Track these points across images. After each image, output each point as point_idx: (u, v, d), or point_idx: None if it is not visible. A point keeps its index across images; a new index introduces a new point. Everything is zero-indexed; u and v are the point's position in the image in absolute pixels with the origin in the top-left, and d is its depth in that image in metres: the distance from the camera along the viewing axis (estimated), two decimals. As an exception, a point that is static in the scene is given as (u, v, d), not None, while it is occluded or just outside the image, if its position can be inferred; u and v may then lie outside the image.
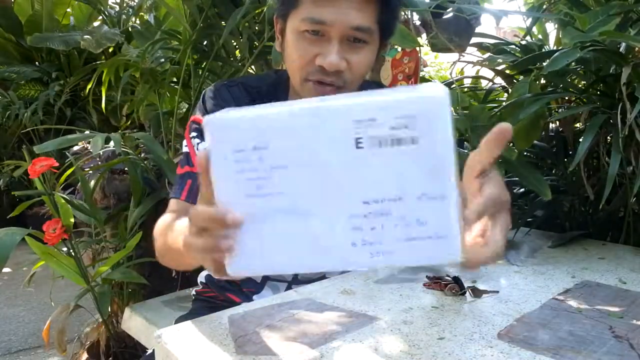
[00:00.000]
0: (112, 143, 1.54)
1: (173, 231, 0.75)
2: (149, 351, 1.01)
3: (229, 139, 0.45)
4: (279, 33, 0.85)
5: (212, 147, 0.45)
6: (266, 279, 0.98)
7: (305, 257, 0.46)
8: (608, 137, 1.24)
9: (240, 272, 0.48)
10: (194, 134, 0.87)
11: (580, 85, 1.34)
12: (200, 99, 0.90)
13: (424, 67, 3.05)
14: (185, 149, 0.88)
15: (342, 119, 0.43)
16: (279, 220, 0.46)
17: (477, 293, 0.85)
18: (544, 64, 1.14)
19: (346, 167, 0.44)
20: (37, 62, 3.83)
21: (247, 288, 0.98)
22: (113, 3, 3.54)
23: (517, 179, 1.30)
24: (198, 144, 0.86)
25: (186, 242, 0.50)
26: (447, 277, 0.87)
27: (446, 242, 0.43)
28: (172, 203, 0.87)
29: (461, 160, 0.44)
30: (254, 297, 0.97)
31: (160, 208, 1.68)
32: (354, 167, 0.44)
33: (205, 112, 0.88)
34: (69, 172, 1.54)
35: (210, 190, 0.46)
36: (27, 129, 3.04)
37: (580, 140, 1.09)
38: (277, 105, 0.45)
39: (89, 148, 1.66)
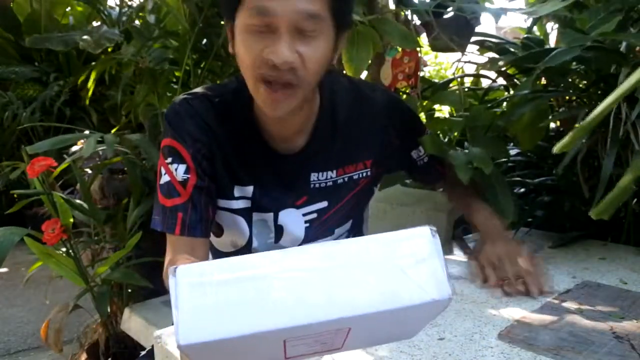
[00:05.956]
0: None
1: None
2: (147, 349, 1.00)
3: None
4: (230, 36, 0.80)
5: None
6: None
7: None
8: (608, 138, 1.23)
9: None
10: (169, 159, 0.82)
11: (581, 85, 1.33)
12: (165, 121, 0.85)
13: (424, 66, 3.05)
14: (165, 178, 0.82)
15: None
16: None
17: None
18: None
19: None
20: (36, 62, 3.83)
21: None
22: (113, 4, 3.53)
23: (514, 179, 1.30)
24: (176, 169, 0.81)
25: None
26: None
27: None
28: (170, 240, 0.82)
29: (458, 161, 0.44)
30: None
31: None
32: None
33: (173, 132, 0.83)
34: (62, 167, 1.52)
35: None
36: (25, 126, 3.03)
37: (581, 140, 1.09)
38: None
39: (87, 148, 1.65)
